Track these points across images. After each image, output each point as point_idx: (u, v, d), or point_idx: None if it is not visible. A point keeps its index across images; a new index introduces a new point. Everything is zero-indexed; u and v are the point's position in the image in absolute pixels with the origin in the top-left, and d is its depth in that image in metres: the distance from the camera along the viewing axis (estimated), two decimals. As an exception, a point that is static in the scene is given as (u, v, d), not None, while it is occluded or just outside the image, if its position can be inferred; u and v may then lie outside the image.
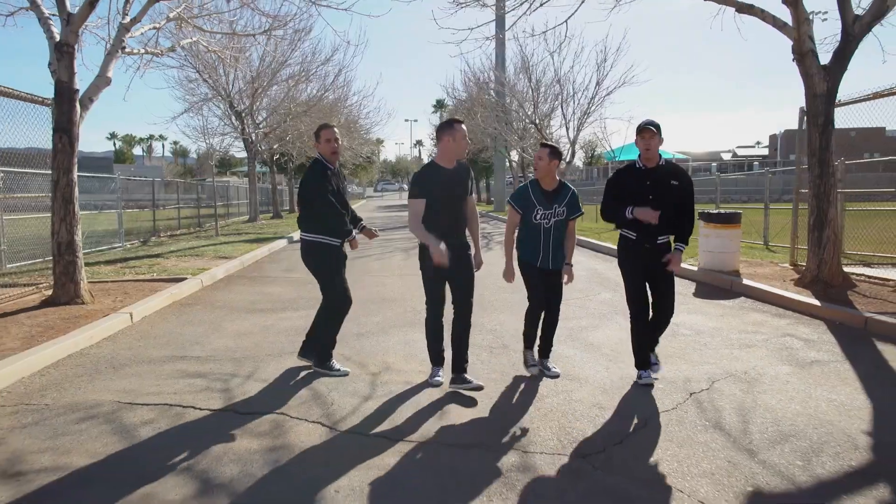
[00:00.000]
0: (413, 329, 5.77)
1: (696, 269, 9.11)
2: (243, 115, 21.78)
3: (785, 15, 7.17)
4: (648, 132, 3.96)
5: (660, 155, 4.06)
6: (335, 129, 4.51)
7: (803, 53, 6.97)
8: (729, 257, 8.92)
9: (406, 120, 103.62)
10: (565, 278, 4.30)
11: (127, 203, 16.07)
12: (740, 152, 74.66)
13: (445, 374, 4.22)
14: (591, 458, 3.06)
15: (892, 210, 10.59)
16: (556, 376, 4.30)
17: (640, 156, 4.09)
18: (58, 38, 6.45)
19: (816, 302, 6.52)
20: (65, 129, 6.50)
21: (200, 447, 3.19)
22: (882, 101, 7.59)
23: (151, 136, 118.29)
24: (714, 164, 61.14)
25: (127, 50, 7.29)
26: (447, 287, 4.15)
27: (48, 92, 6.69)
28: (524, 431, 3.38)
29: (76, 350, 5.14)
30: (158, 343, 5.42)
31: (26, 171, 9.59)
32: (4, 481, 2.83)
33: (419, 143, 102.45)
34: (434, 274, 4.00)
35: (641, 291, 4.15)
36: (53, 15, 6.83)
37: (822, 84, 7.00)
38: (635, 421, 3.53)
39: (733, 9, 7.50)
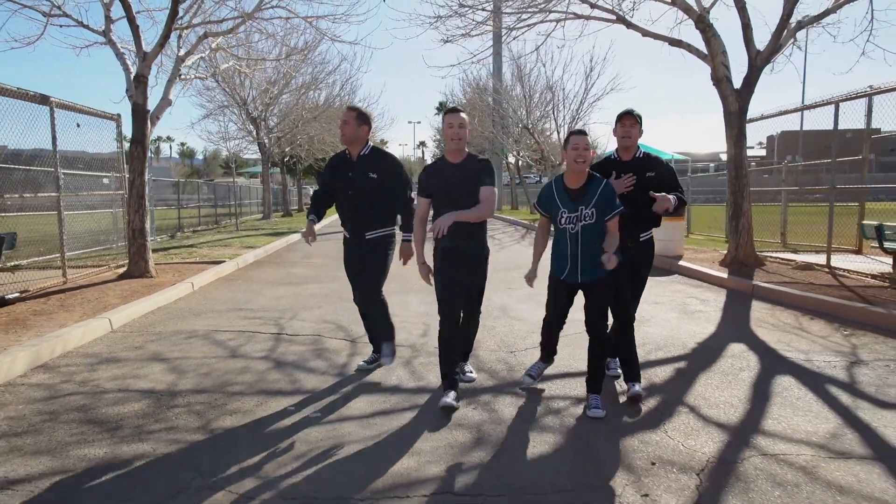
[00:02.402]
0: (407, 295, 7.60)
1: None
2: (258, 120, 23.69)
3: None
4: (629, 119, 3.80)
5: (638, 147, 3.92)
6: (350, 112, 4.15)
7: (719, 79, 8.79)
8: (675, 244, 10.75)
9: (409, 122, 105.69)
10: (605, 258, 3.44)
11: (156, 203, 18.00)
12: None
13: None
14: (516, 353, 4.90)
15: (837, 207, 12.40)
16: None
17: (617, 147, 3.97)
18: (134, 71, 8.33)
19: (724, 275, 8.35)
20: (139, 141, 8.39)
21: (269, 350, 5.05)
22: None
23: (159, 138, 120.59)
24: (712, 164, 62.96)
25: (182, 77, 9.17)
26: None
27: (70, 96, 8.56)
28: (478, 342, 5.22)
29: (162, 305, 7.02)
30: (218, 302, 7.28)
31: (86, 173, 11.47)
32: (158, 362, 4.71)
33: (422, 144, 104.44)
34: (444, 278, 3.77)
35: (621, 291, 3.88)
36: (125, 48, 8.73)
37: (734, 104, 8.81)
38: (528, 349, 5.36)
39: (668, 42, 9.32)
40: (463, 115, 3.73)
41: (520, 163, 33.02)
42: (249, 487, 2.71)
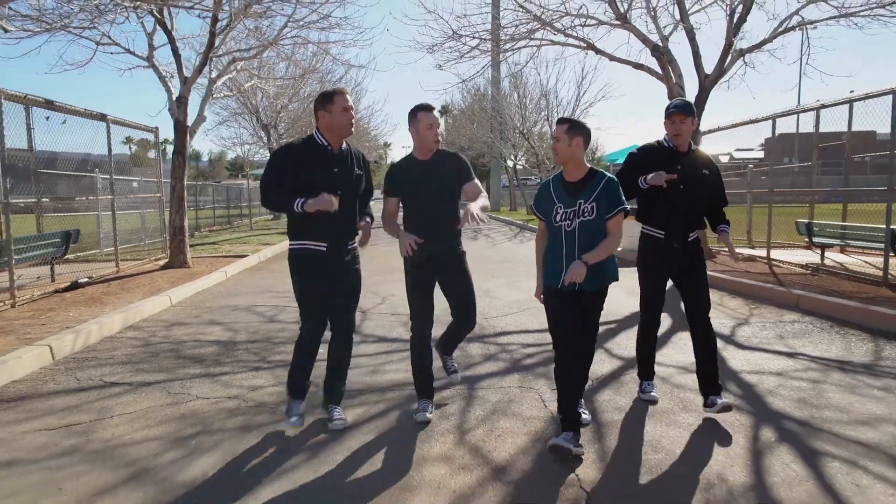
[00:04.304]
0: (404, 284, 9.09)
1: (620, 248, 12.41)
2: (268, 127, 25.24)
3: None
4: (678, 116, 3.52)
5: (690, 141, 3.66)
6: (348, 95, 3.35)
7: (674, 98, 10.24)
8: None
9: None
10: (569, 276, 3.05)
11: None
12: (737, 155, 77.90)
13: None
14: (489, 319, 6.38)
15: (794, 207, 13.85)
16: (586, 423, 3.41)
17: (665, 137, 3.70)
18: (175, 93, 9.85)
19: (677, 265, 9.82)
20: (180, 152, 9.91)
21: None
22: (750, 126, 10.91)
23: (166, 140, 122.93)
24: (710, 166, 64.62)
25: (214, 96, 10.68)
26: (435, 300, 3.69)
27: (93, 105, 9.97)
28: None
29: (204, 288, 8.52)
30: (249, 286, 8.78)
31: (129, 178, 13.00)
32: (215, 325, 6.21)
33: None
34: (414, 282, 3.61)
35: (659, 301, 3.82)
36: (165, 71, 10.23)
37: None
38: (518, 311, 6.85)
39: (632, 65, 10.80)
40: (436, 112, 3.53)
41: (517, 166, 34.49)
42: (300, 387, 4.19)
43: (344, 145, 3.46)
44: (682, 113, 3.53)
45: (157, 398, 3.97)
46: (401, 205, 3.63)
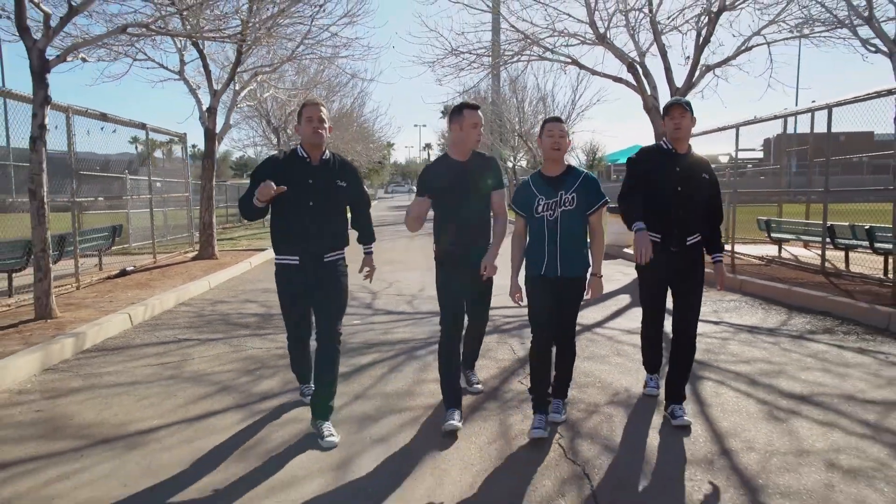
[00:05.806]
0: (408, 272, 10.35)
1: (606, 243, 13.66)
2: (278, 130, 26.53)
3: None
4: (678, 109, 3.44)
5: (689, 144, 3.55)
6: (322, 108, 3.40)
7: (649, 109, 11.47)
8: (623, 237, 13.44)
9: (415, 125, 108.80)
10: (588, 293, 3.40)
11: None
12: (738, 155, 78.98)
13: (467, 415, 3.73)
14: (478, 299, 7.64)
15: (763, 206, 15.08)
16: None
17: (664, 139, 3.57)
18: (205, 104, 11.13)
19: (649, 258, 11.06)
20: (209, 156, 11.19)
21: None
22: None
23: (171, 140, 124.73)
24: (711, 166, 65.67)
25: (238, 106, 11.95)
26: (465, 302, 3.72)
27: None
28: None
29: (234, 275, 9.80)
30: (272, 274, 10.04)
31: (158, 178, 14.26)
32: (251, 302, 7.48)
33: (428, 146, 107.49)
34: (446, 282, 3.60)
35: (660, 300, 3.78)
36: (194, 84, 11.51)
37: (661, 128, 11.49)
38: (504, 293, 8.08)
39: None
40: (478, 110, 3.56)
41: (516, 167, 35.76)
42: (329, 343, 5.45)
43: (326, 155, 3.48)
44: (682, 106, 3.45)
45: (222, 348, 5.25)
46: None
